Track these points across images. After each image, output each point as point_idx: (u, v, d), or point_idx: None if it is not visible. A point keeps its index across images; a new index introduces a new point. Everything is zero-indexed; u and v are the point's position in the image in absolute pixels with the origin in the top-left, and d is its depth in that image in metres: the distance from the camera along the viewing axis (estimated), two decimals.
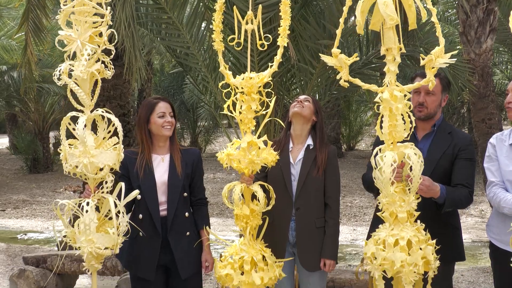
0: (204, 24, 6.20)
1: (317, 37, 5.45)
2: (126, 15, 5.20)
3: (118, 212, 3.05)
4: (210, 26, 3.49)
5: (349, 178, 13.73)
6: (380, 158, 2.77)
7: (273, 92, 3.24)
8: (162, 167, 3.45)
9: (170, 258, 3.40)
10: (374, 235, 2.85)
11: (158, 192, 3.40)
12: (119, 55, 6.15)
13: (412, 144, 2.85)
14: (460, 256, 3.40)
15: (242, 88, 3.15)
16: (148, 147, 3.45)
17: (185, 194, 3.46)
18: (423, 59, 2.77)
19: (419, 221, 2.83)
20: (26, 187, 13.86)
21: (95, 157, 3.01)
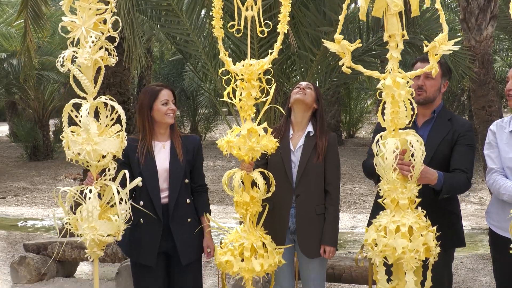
0: (204, 11, 6.16)
1: (317, 24, 5.43)
2: (125, 1, 5.18)
3: (121, 199, 3.05)
4: (210, 13, 3.46)
5: (349, 166, 13.74)
6: (382, 144, 2.77)
7: (273, 79, 3.22)
8: (163, 153, 3.44)
9: (172, 245, 3.41)
10: (375, 222, 2.84)
11: (159, 179, 3.39)
12: (119, 43, 6.12)
13: (413, 131, 2.84)
14: (460, 242, 3.40)
15: (242, 75, 3.13)
16: (150, 134, 3.44)
17: (186, 181, 3.46)
18: (427, 46, 2.76)
19: (419, 207, 2.84)
20: (26, 175, 13.88)
21: (98, 144, 3.01)
